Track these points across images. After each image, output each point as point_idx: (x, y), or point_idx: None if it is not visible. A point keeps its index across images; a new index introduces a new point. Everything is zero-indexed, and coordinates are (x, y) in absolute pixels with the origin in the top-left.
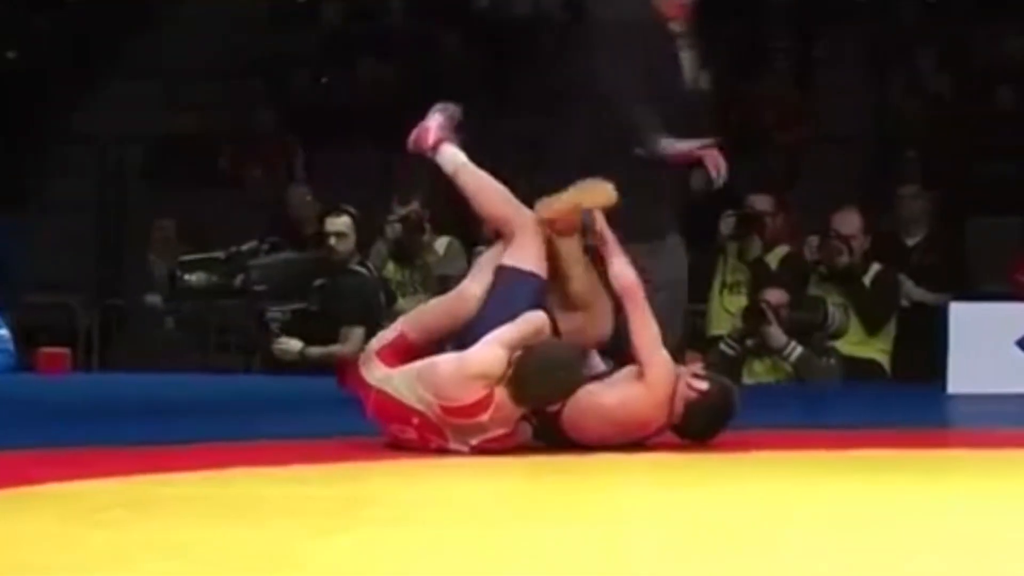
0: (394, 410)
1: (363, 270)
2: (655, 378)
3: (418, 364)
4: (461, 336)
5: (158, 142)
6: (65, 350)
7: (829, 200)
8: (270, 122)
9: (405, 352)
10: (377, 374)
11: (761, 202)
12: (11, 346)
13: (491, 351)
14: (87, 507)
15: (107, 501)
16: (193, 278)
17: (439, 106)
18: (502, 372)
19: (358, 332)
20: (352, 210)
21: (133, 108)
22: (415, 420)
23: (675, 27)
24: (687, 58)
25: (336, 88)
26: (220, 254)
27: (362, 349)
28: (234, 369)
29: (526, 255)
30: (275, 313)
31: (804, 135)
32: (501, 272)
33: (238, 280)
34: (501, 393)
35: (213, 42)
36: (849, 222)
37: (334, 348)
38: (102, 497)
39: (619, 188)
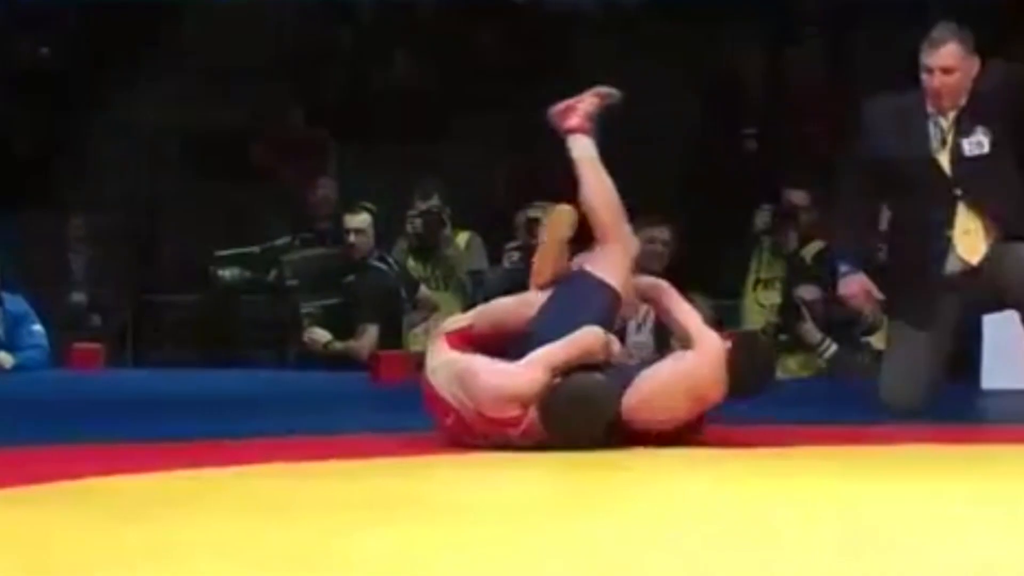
0: (436, 401)
1: (383, 266)
2: (709, 342)
3: (463, 361)
4: (521, 336)
5: (192, 137)
6: (98, 345)
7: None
8: (300, 117)
9: (470, 342)
10: (433, 362)
11: (797, 196)
12: (44, 341)
13: (530, 373)
14: (125, 503)
15: (144, 497)
16: (227, 273)
17: (601, 89)
18: (538, 393)
19: (372, 330)
20: (371, 207)
21: (167, 104)
22: (450, 418)
23: None
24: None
25: (366, 83)
26: (255, 249)
27: (375, 346)
28: (266, 364)
29: (608, 267)
30: (308, 308)
31: (840, 128)
32: (576, 275)
33: (271, 275)
34: (534, 414)
35: (245, 36)
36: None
37: (352, 343)
38: (139, 493)
39: None
